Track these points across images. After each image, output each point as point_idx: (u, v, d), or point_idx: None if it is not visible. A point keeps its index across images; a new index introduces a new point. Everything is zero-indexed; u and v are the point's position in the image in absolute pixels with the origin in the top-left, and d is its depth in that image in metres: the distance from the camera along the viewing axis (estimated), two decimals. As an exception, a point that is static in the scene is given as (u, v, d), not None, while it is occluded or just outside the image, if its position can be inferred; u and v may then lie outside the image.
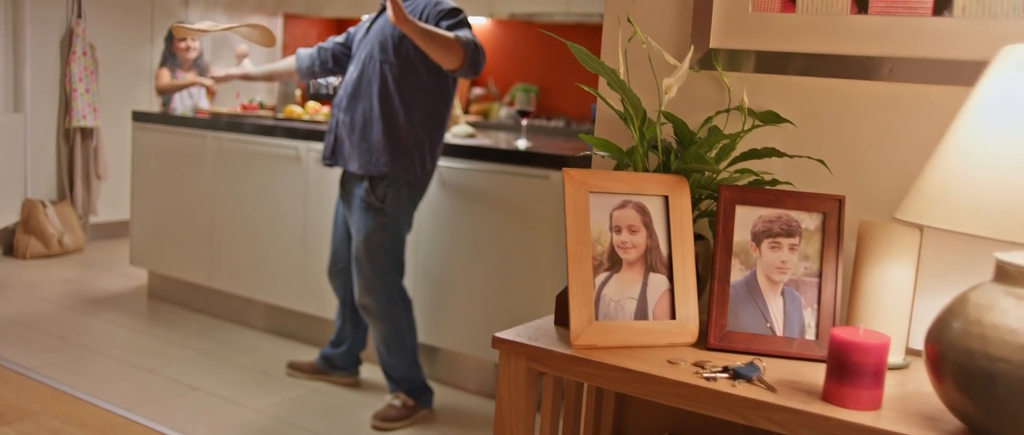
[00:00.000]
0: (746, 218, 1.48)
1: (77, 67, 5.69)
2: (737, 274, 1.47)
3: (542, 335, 1.47)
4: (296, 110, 4.31)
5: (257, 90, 6.48)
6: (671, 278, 1.47)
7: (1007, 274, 1.13)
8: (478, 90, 6.91)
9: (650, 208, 1.48)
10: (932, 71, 1.51)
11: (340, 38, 3.37)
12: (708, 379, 1.29)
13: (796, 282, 1.46)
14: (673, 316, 1.46)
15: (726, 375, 1.31)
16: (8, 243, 5.56)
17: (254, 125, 4.07)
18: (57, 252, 5.55)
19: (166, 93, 5.43)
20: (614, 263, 1.45)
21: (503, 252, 3.29)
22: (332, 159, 3.19)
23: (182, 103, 5.44)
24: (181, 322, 4.24)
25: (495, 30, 6.86)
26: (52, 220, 5.55)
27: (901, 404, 1.25)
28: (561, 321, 1.54)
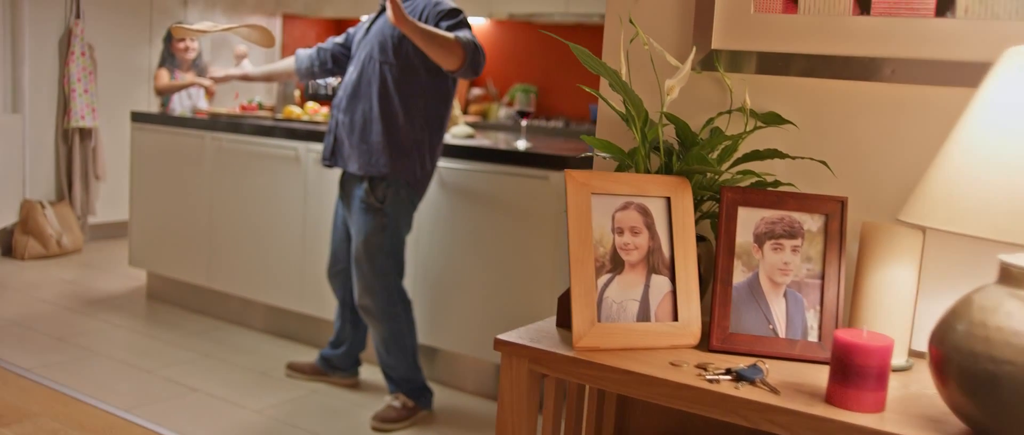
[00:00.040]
0: (748, 219, 1.47)
1: (76, 67, 5.68)
2: (739, 276, 1.46)
3: (544, 337, 1.47)
4: (295, 111, 4.30)
5: (256, 90, 6.49)
6: (673, 280, 1.47)
7: (1011, 276, 1.13)
8: (477, 90, 6.90)
9: (652, 209, 1.48)
10: (934, 72, 1.50)
11: (339, 39, 3.37)
12: (711, 381, 1.29)
13: (798, 284, 1.46)
14: (675, 318, 1.46)
15: (729, 377, 1.30)
16: (6, 244, 5.55)
17: (253, 126, 4.07)
18: (56, 253, 5.54)
19: (165, 94, 5.42)
20: (616, 265, 1.45)
21: (503, 253, 3.29)
22: (332, 160, 3.18)
23: (181, 104, 5.43)
24: (180, 323, 4.24)
25: (494, 30, 6.86)
26: (50, 221, 5.54)
27: (904, 406, 1.24)
28: (563, 323, 1.54)
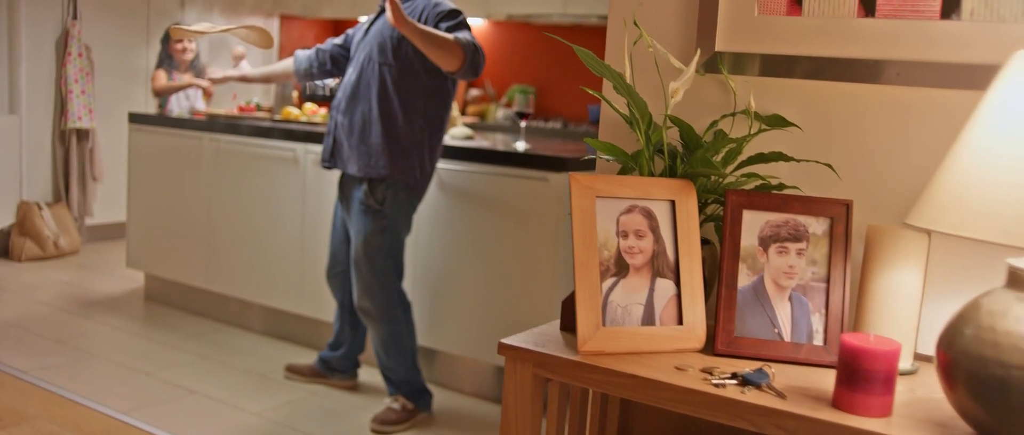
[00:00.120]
0: (753, 223, 1.47)
1: (73, 69, 5.67)
2: (744, 279, 1.46)
3: (548, 341, 1.46)
4: (293, 112, 4.29)
5: (254, 92, 6.47)
6: (678, 283, 1.46)
7: (1020, 281, 1.12)
8: (475, 91, 6.90)
9: (657, 213, 1.47)
10: (940, 75, 1.50)
11: (338, 40, 3.36)
12: (717, 386, 1.28)
13: (804, 287, 1.45)
14: (680, 322, 1.45)
15: (735, 382, 1.30)
16: (3, 245, 5.53)
17: (251, 127, 4.06)
18: (53, 254, 5.52)
19: (163, 95, 5.40)
20: (621, 268, 1.44)
21: (502, 254, 3.28)
22: (331, 161, 3.17)
23: (179, 105, 5.41)
24: (178, 325, 4.22)
25: (492, 31, 6.85)
26: (48, 222, 5.52)
27: (912, 410, 1.24)
28: (567, 327, 1.53)
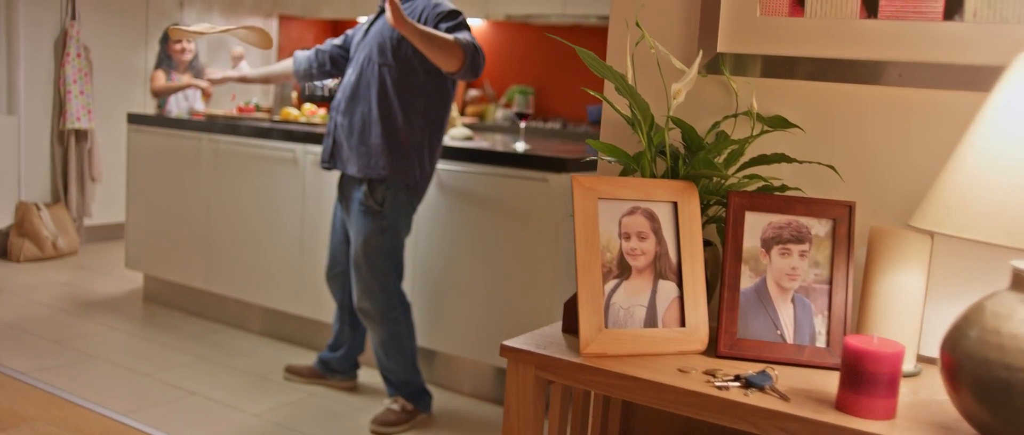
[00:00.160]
0: (755, 224, 1.46)
1: (71, 69, 5.66)
2: (747, 281, 1.45)
3: (550, 343, 1.46)
4: (292, 112, 4.29)
5: (253, 92, 6.46)
6: (680, 285, 1.46)
7: (1025, 283, 1.12)
8: (474, 92, 6.89)
9: (659, 214, 1.47)
10: (942, 76, 1.50)
11: (338, 41, 3.35)
12: (720, 388, 1.28)
13: (806, 289, 1.45)
14: (683, 323, 1.45)
15: (738, 384, 1.29)
16: (2, 246, 5.52)
17: (250, 127, 4.05)
18: (51, 255, 5.51)
19: (161, 95, 5.39)
20: (623, 270, 1.44)
21: (502, 255, 3.27)
22: (330, 162, 3.17)
23: (178, 105, 5.41)
24: (177, 326, 4.21)
25: (491, 31, 6.85)
26: (46, 223, 5.51)
27: (915, 413, 1.23)
28: (569, 329, 1.52)
